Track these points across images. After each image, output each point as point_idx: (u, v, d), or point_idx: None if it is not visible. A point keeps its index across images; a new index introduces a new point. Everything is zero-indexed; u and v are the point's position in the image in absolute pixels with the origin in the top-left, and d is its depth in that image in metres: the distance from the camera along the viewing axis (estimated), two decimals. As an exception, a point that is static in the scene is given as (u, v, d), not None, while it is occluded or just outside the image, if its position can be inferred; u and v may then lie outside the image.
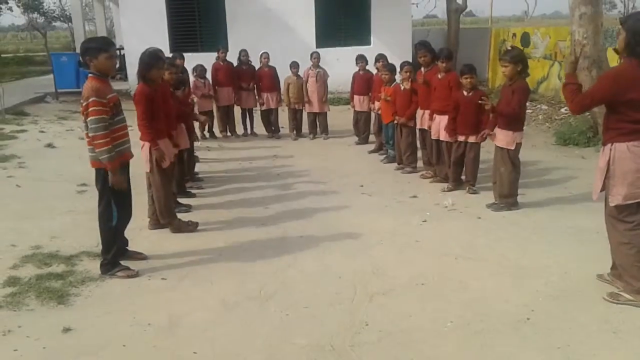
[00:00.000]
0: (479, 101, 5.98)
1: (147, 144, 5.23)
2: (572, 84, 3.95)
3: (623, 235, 3.83)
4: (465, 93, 6.31)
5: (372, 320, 3.76)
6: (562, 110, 11.65)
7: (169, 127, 5.65)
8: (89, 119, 4.18)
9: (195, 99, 8.57)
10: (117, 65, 17.27)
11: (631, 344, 3.39)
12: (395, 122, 7.52)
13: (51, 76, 15.56)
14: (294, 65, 9.96)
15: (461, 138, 6.44)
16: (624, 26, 3.68)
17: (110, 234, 4.50)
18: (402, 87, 7.43)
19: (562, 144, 9.13)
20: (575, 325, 3.60)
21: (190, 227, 5.52)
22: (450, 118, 6.44)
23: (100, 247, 4.59)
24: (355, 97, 9.53)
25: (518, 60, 5.59)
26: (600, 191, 3.94)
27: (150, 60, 5.19)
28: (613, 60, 9.71)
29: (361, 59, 9.45)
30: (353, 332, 3.61)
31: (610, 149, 3.78)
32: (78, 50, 4.48)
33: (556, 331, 3.54)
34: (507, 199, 5.90)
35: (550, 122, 10.98)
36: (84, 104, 4.21)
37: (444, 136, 6.62)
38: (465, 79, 6.25)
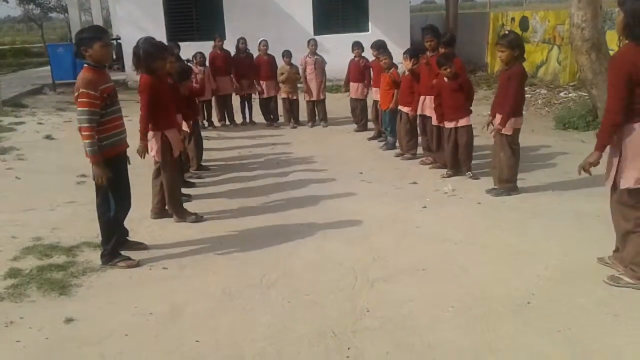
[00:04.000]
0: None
1: (157, 133, 5.18)
2: (601, 138, 3.79)
3: (633, 224, 3.77)
4: (446, 79, 6.37)
5: (373, 306, 3.77)
6: (561, 94, 11.63)
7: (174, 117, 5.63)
8: (78, 109, 4.15)
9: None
10: (115, 56, 17.32)
11: (632, 327, 3.39)
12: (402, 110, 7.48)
13: (48, 67, 15.51)
14: (287, 54, 9.88)
15: (451, 124, 6.44)
16: (622, 8, 3.63)
17: (109, 225, 4.50)
18: (403, 71, 7.41)
19: (561, 128, 9.11)
20: (576, 309, 3.61)
21: (194, 217, 5.51)
22: (436, 104, 6.52)
23: (100, 237, 4.60)
24: (352, 84, 9.48)
25: (515, 45, 5.55)
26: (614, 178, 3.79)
27: (154, 50, 5.06)
28: (612, 42, 9.68)
29: (357, 46, 9.38)
30: (354, 318, 3.62)
31: (621, 132, 3.69)
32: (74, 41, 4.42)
33: (557, 314, 3.55)
34: (507, 184, 5.89)
35: (550, 107, 10.95)
36: (75, 94, 4.19)
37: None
38: (445, 70, 6.31)
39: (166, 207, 5.53)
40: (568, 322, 3.45)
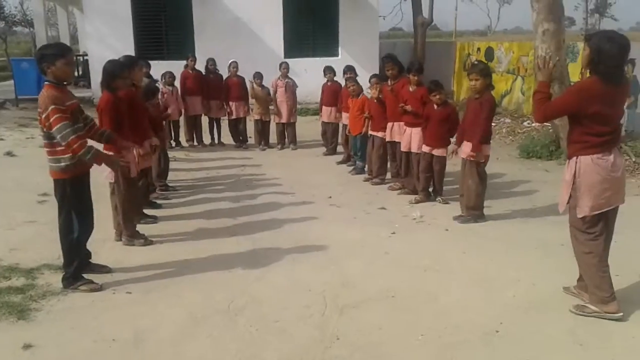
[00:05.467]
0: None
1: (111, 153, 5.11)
2: (542, 92, 3.99)
3: (585, 245, 3.91)
4: (435, 107, 6.42)
5: (342, 333, 3.73)
6: (525, 123, 11.93)
7: (143, 135, 5.59)
8: (55, 128, 4.02)
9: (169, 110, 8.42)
10: (81, 72, 17.06)
11: (597, 356, 3.45)
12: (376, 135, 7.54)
13: (11, 82, 15.15)
14: (258, 76, 9.89)
15: (426, 149, 6.53)
16: (588, 43, 3.77)
17: (71, 247, 4.37)
18: (370, 97, 7.51)
19: (525, 157, 9.31)
20: (544, 338, 3.65)
21: (143, 240, 5.36)
22: (423, 128, 6.59)
23: (62, 259, 4.45)
24: (324, 108, 9.56)
25: (486, 73, 5.72)
26: (566, 204, 4.00)
27: (115, 68, 5.14)
28: (574, 75, 10.00)
29: (329, 71, 9.50)
30: (324, 346, 3.58)
31: (576, 162, 3.85)
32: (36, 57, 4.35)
33: (525, 343, 3.58)
34: (474, 211, 5.97)
35: (514, 136, 11.21)
36: (43, 115, 4.06)
37: (415, 148, 6.69)
38: (434, 96, 6.40)
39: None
40: (536, 352, 3.48)
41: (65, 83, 4.28)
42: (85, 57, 15.84)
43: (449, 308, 4.08)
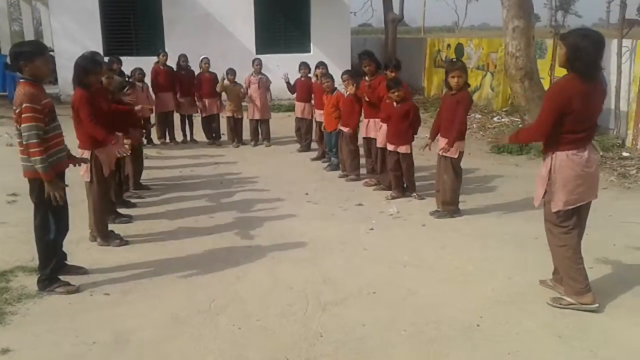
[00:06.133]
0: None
1: (87, 152, 5.03)
2: (519, 136, 4.32)
3: (560, 239, 3.99)
4: (394, 104, 6.50)
5: (326, 330, 3.74)
6: (495, 119, 12.11)
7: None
8: (22, 125, 3.98)
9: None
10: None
11: (575, 348, 3.53)
12: (343, 130, 7.56)
13: (-27, 78, 14.69)
14: (231, 72, 9.83)
15: (391, 147, 6.60)
16: (564, 42, 3.81)
17: (47, 248, 4.28)
18: (347, 94, 7.50)
19: (496, 152, 9.43)
20: (523, 331, 3.72)
21: (118, 241, 5.28)
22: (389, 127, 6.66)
23: (37, 261, 4.35)
24: (297, 104, 9.54)
25: (465, 70, 5.80)
26: (542, 198, 4.08)
27: (88, 65, 5.03)
28: (543, 71, 10.19)
29: (304, 66, 9.48)
30: (308, 344, 3.58)
31: (552, 158, 3.92)
32: (4, 52, 4.26)
33: (505, 337, 3.64)
34: (450, 207, 6.04)
35: (484, 131, 11.36)
36: (17, 111, 4.01)
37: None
38: (393, 94, 6.46)
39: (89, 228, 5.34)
40: (516, 345, 3.55)
41: (42, 80, 4.22)
42: (51, 53, 15.45)
43: (429, 303, 4.12)
